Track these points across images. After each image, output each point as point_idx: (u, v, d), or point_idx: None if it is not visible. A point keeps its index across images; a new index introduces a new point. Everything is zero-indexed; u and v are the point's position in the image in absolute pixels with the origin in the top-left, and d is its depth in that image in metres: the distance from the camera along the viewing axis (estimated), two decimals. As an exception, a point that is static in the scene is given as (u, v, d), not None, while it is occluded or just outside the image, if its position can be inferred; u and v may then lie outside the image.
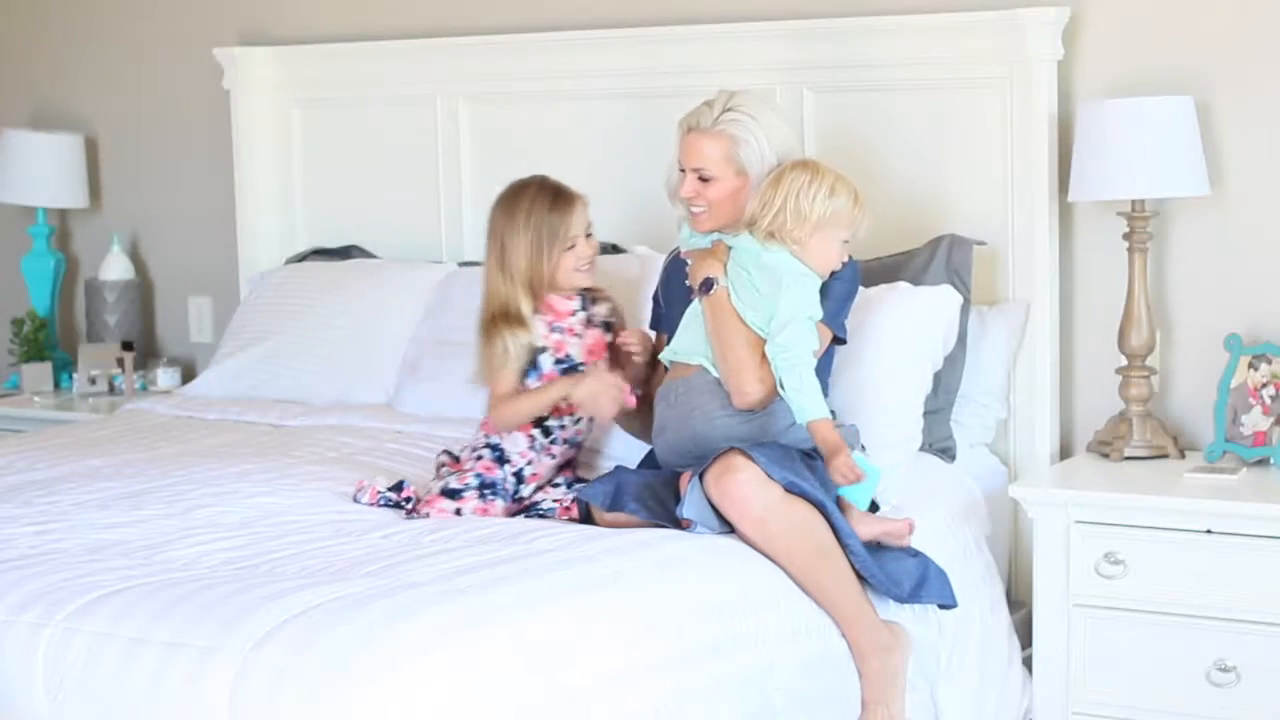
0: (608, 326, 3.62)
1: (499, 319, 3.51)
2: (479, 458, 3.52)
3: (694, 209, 3.48)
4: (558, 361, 3.54)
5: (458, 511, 3.41)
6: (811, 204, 3.32)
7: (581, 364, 3.55)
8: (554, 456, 3.55)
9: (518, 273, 3.52)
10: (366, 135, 4.73)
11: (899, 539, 3.31)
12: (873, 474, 3.24)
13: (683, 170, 3.48)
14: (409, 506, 3.44)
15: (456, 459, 3.61)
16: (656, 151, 3.86)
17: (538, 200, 3.54)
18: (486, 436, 3.55)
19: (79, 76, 5.30)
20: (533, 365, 3.53)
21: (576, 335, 3.56)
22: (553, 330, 3.55)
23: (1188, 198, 3.78)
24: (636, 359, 3.57)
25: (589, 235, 3.57)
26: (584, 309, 3.59)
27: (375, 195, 4.75)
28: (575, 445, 3.61)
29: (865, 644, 3.21)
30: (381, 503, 3.44)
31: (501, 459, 3.51)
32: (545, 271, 3.51)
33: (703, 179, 3.45)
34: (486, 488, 3.46)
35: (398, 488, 3.49)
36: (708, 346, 3.37)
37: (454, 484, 3.47)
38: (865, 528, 3.27)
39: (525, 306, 3.51)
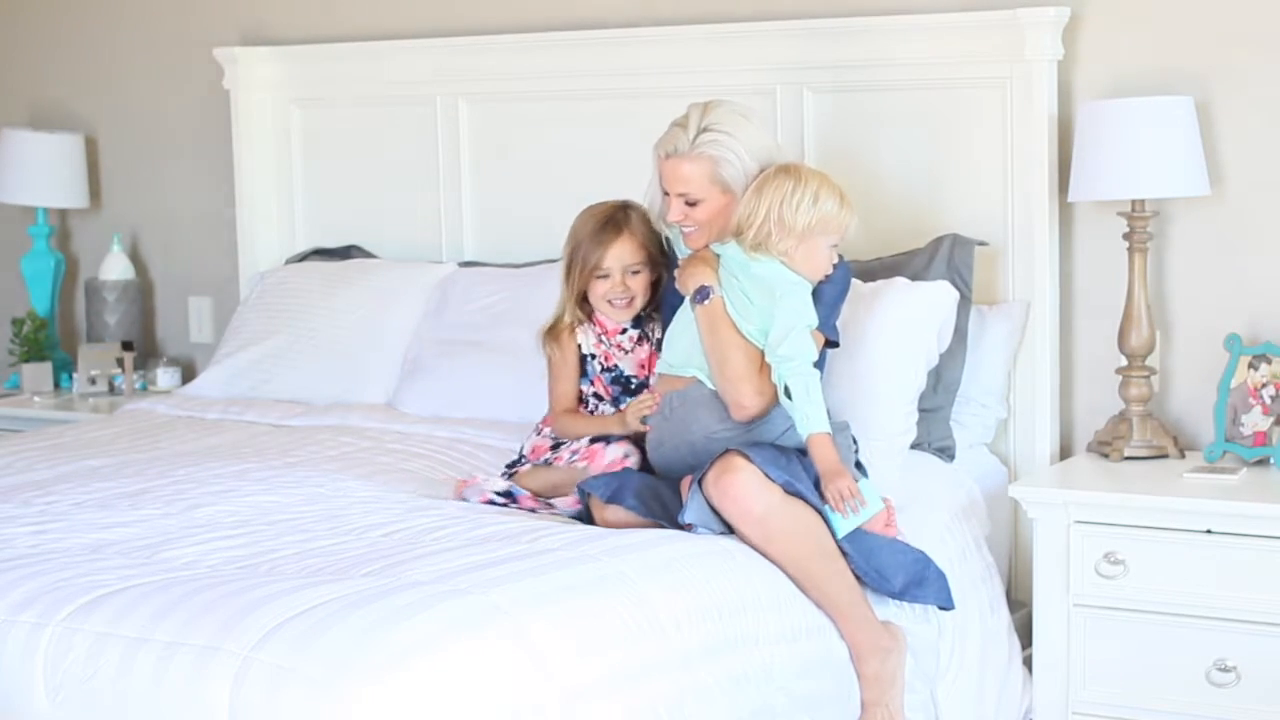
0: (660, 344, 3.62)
1: (553, 325, 3.61)
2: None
3: (684, 229, 3.48)
4: (605, 370, 3.58)
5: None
6: (795, 214, 3.27)
7: (633, 377, 3.58)
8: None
9: (562, 286, 3.61)
10: (366, 135, 4.73)
11: (879, 520, 3.26)
12: (873, 505, 3.21)
13: (665, 193, 3.48)
14: (512, 500, 3.46)
15: (519, 460, 3.63)
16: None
17: (588, 221, 3.60)
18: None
19: (79, 76, 5.30)
20: (583, 372, 3.59)
21: (626, 351, 3.60)
22: (601, 341, 3.59)
23: (1188, 198, 3.78)
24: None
25: (635, 273, 3.57)
26: (635, 327, 3.62)
27: (375, 195, 4.74)
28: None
29: (864, 645, 3.21)
30: (490, 502, 3.46)
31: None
32: (573, 290, 3.58)
33: (689, 203, 3.44)
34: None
35: (507, 494, 3.50)
36: (701, 357, 3.34)
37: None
38: None
39: (568, 316, 3.59)
